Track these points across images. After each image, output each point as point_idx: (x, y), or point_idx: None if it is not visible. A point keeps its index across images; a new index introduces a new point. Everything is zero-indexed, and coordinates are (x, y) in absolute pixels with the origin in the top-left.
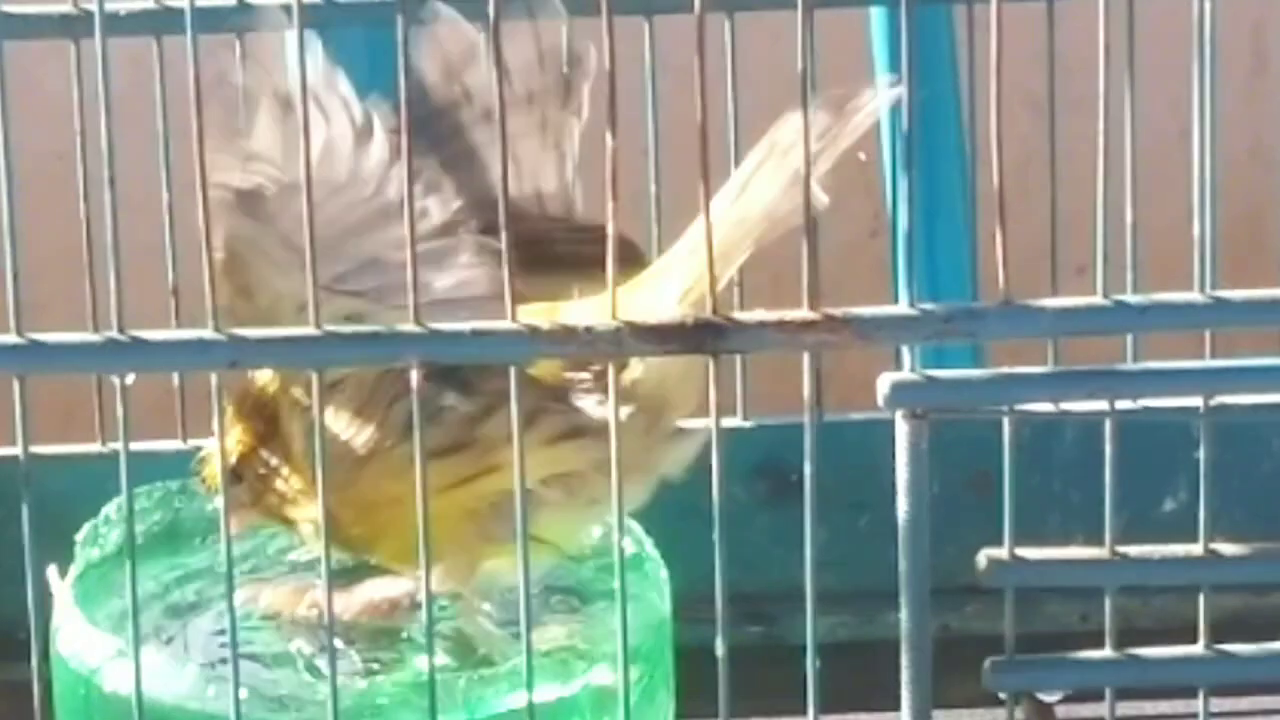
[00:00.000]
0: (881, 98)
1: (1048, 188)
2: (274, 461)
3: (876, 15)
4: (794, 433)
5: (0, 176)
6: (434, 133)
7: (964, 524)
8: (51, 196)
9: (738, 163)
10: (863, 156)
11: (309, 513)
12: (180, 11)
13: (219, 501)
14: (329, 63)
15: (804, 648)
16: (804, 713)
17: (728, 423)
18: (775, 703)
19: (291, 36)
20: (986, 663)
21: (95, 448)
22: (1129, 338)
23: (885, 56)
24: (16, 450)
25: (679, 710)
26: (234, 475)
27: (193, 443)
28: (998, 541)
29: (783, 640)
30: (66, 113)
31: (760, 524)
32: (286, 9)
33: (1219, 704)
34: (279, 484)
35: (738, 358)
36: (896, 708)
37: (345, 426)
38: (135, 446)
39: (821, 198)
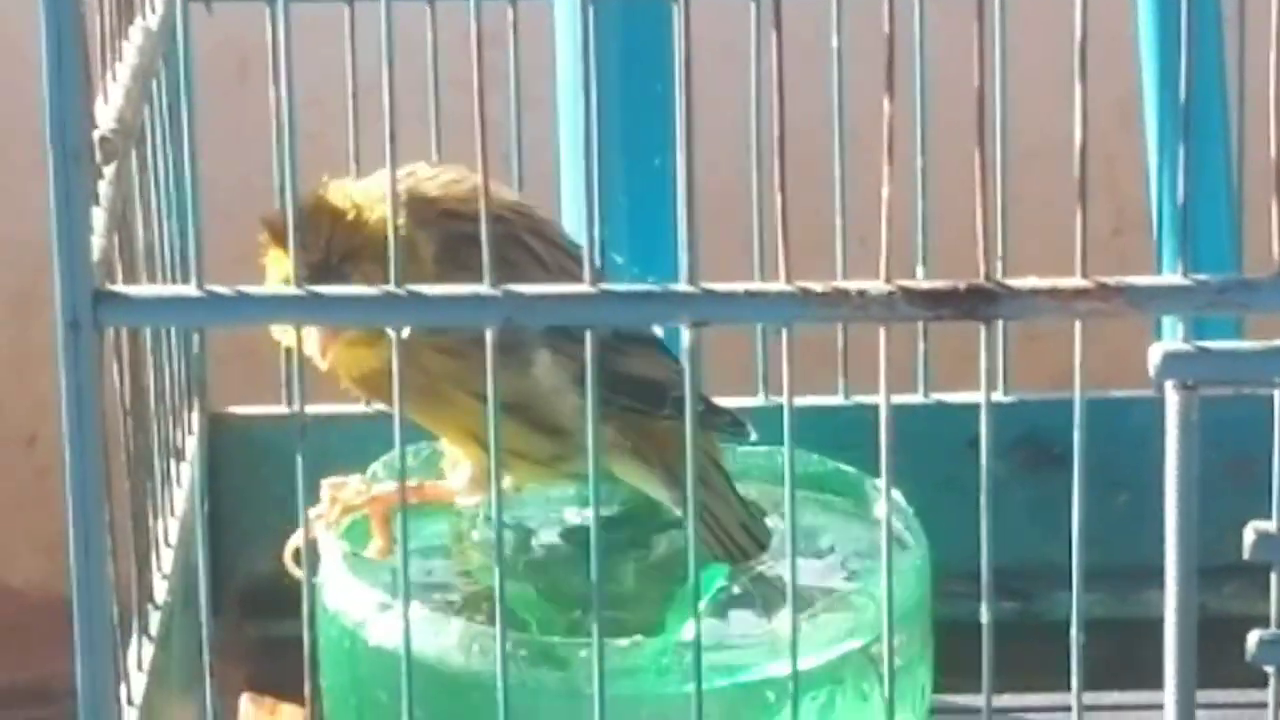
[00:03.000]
0: None
1: None
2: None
3: None
4: (1052, 408)
5: (284, 134)
6: None
7: (1221, 505)
8: None
9: (1005, 131)
10: None
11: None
12: None
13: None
14: None
15: (1060, 624)
16: (1059, 689)
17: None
18: (1031, 678)
19: (562, 3)
20: (1252, 636)
21: (362, 407)
22: None
23: (1153, 28)
24: (285, 409)
25: (935, 686)
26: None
27: None
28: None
29: (1039, 617)
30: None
31: (1017, 499)
32: None
33: None
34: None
35: (1000, 329)
36: (1154, 685)
37: None
38: None
39: None
